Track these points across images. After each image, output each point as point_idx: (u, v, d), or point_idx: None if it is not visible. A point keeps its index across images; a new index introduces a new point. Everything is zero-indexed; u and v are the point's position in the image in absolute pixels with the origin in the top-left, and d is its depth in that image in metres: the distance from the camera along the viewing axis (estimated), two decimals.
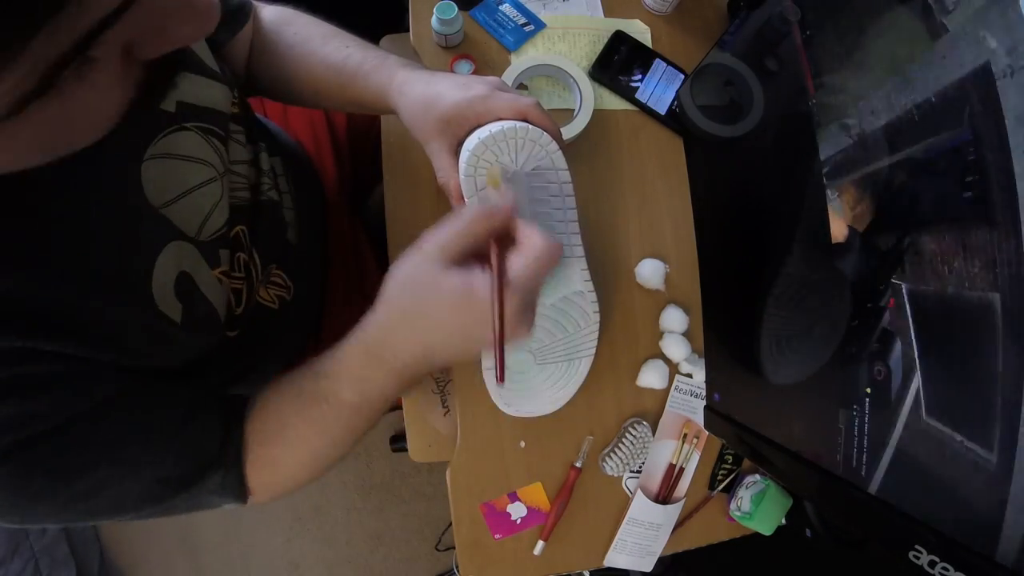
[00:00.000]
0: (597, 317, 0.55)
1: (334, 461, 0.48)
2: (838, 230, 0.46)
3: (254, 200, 0.55)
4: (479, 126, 0.49)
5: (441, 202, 0.63)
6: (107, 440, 0.38)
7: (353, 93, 0.55)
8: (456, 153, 0.50)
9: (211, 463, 0.43)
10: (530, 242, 0.40)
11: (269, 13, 0.60)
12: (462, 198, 0.49)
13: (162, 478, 0.41)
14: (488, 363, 0.55)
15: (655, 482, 0.63)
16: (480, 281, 0.38)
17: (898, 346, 0.39)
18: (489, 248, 0.40)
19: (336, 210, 0.77)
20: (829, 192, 0.46)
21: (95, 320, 0.36)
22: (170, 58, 0.29)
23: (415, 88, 0.50)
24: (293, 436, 0.45)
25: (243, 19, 0.57)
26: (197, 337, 0.44)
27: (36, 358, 0.34)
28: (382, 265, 0.73)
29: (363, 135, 0.82)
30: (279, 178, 0.62)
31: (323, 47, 0.56)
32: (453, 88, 0.49)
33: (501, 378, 0.40)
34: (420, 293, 0.40)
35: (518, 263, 0.39)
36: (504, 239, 0.41)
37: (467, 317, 0.39)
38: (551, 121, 0.49)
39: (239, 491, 0.45)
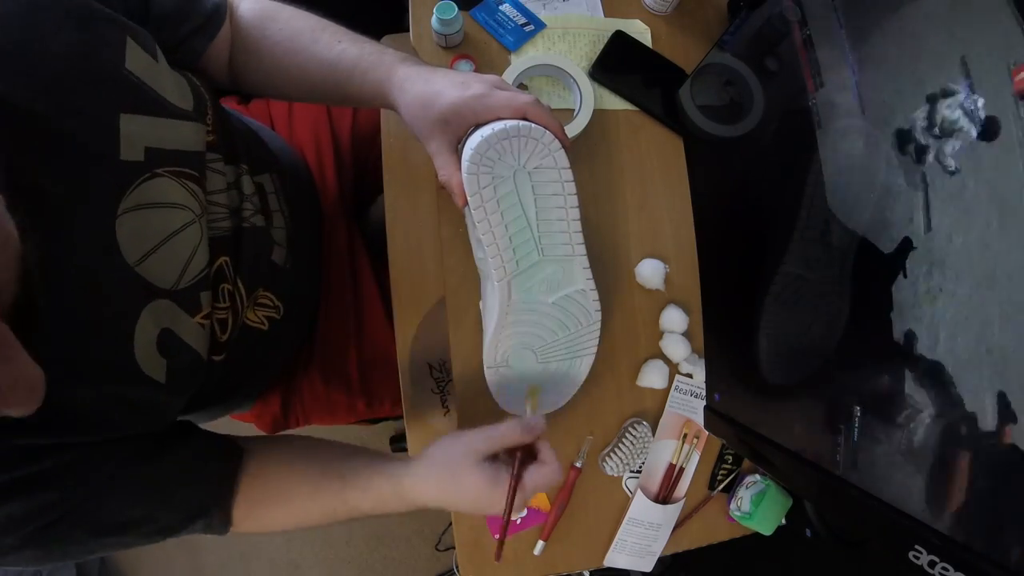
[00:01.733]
0: (598, 316, 0.55)
1: (312, 528, 0.53)
2: (838, 222, 0.46)
3: (236, 227, 0.53)
4: (478, 124, 0.49)
5: (442, 202, 0.63)
6: (111, 512, 0.43)
7: (350, 91, 0.53)
8: (457, 151, 0.50)
9: (201, 515, 0.48)
10: (547, 463, 0.49)
11: (249, 8, 0.56)
12: (464, 196, 0.49)
13: (158, 530, 0.47)
14: (489, 361, 0.55)
15: (655, 482, 0.63)
16: (503, 477, 0.49)
17: (899, 326, 0.39)
18: (515, 457, 0.50)
19: (334, 224, 0.75)
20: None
21: (85, 405, 0.38)
22: None
23: (414, 86, 0.50)
24: (296, 508, 0.51)
25: (219, 22, 0.53)
26: (182, 391, 0.47)
27: (34, 455, 0.37)
28: (379, 278, 0.73)
29: (367, 145, 0.80)
30: (269, 196, 0.60)
31: (314, 44, 0.54)
32: (452, 86, 0.49)
33: (498, 558, 0.50)
34: (456, 472, 0.49)
35: (535, 475, 0.49)
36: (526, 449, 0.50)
37: (485, 499, 0.49)
38: (551, 118, 0.49)
39: (223, 530, 0.50)
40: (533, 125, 0.48)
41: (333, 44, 0.54)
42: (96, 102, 0.40)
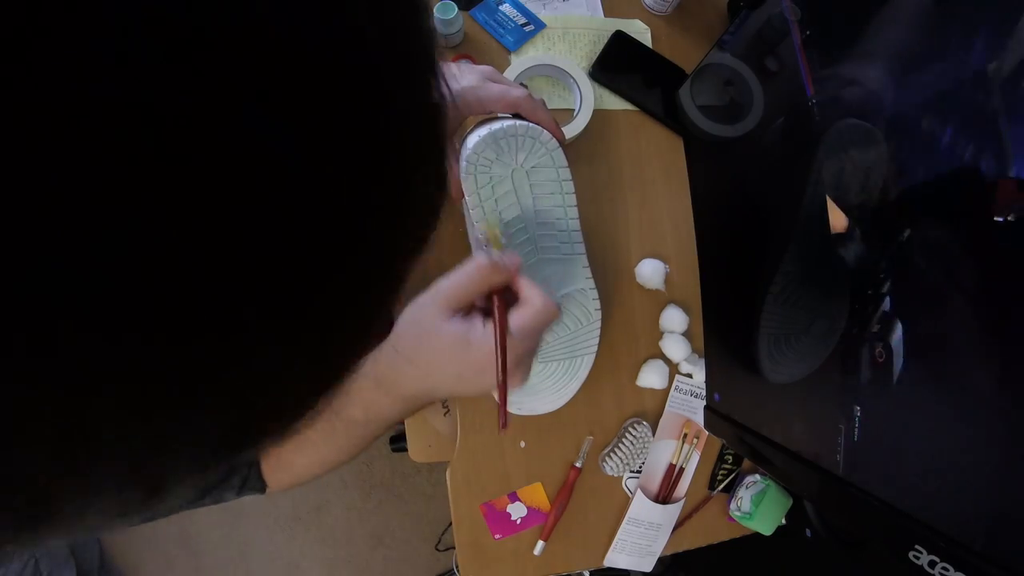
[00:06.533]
0: (599, 315, 0.55)
1: (338, 466, 0.51)
2: (838, 222, 0.46)
3: None
4: (469, 116, 0.49)
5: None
6: None
7: None
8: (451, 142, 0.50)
9: (236, 468, 0.47)
10: (531, 300, 0.42)
11: None
12: (460, 190, 0.49)
13: (200, 487, 0.45)
14: None
15: (655, 482, 0.63)
16: (477, 333, 0.41)
17: (898, 330, 0.39)
18: (492, 302, 0.41)
19: None
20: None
21: None
22: None
23: None
24: (305, 442, 0.48)
25: None
26: None
27: None
28: None
29: None
30: None
31: None
32: None
33: (504, 425, 0.43)
34: (423, 338, 0.42)
35: (519, 318, 0.41)
36: (505, 293, 0.43)
37: (463, 365, 0.41)
38: (545, 112, 0.49)
39: (259, 487, 0.49)
40: (531, 124, 0.48)
41: None
42: None
